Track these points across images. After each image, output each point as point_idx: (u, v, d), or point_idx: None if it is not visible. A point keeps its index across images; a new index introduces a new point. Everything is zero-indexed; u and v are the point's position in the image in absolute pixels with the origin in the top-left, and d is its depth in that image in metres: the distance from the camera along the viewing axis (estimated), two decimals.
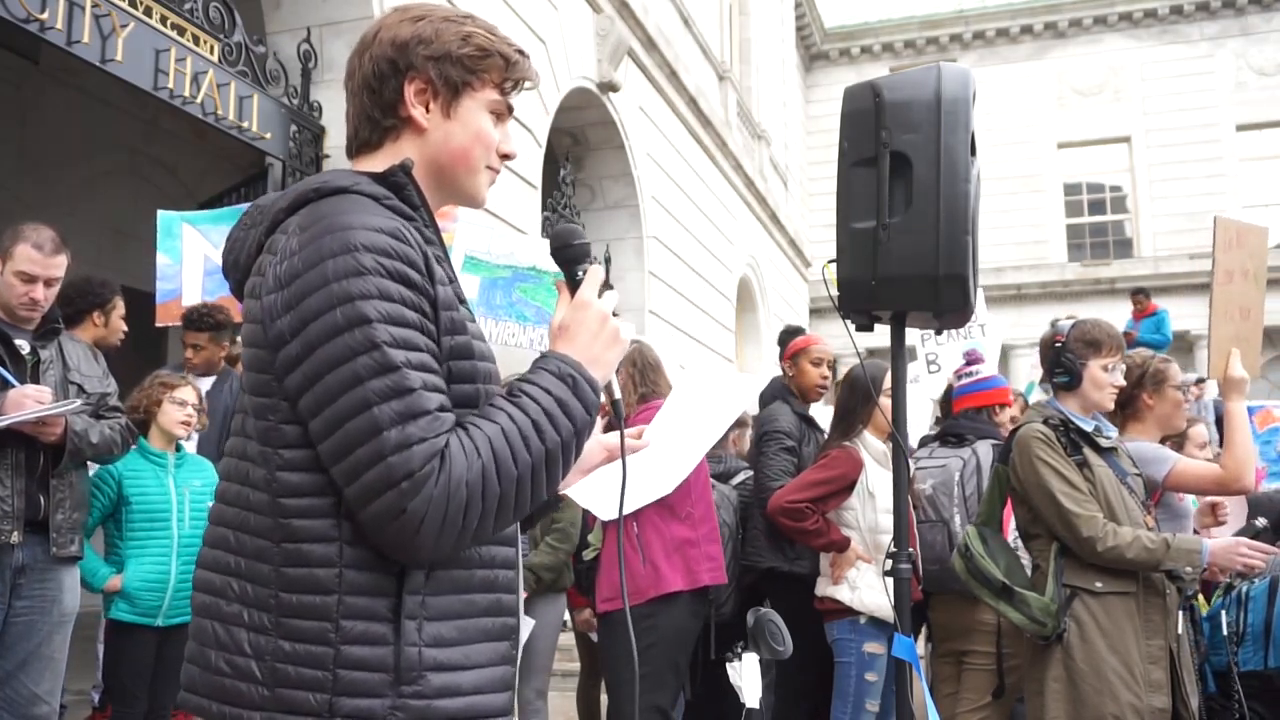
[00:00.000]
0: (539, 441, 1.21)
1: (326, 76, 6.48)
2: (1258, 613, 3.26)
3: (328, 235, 1.19)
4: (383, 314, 1.16)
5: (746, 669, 2.84)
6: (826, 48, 23.64)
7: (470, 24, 1.37)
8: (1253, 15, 21.31)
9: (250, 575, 1.22)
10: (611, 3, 9.94)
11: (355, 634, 1.18)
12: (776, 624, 2.96)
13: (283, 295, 1.20)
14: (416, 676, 1.19)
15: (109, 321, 4.17)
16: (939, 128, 2.49)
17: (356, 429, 1.15)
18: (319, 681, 1.17)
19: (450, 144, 1.36)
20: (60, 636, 3.11)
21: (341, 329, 1.16)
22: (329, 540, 1.19)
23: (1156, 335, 11.19)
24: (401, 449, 1.14)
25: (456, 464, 1.16)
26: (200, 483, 3.70)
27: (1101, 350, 3.01)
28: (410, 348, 1.18)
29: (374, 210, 1.23)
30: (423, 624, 1.20)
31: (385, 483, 1.14)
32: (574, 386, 1.26)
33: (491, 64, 1.36)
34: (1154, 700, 2.75)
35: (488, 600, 1.28)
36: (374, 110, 1.36)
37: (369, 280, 1.17)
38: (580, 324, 1.33)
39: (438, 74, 1.33)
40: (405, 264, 1.20)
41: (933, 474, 3.83)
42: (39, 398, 2.90)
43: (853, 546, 3.63)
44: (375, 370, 1.15)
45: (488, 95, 1.37)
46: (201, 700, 1.23)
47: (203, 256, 5.17)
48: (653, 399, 3.49)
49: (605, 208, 10.89)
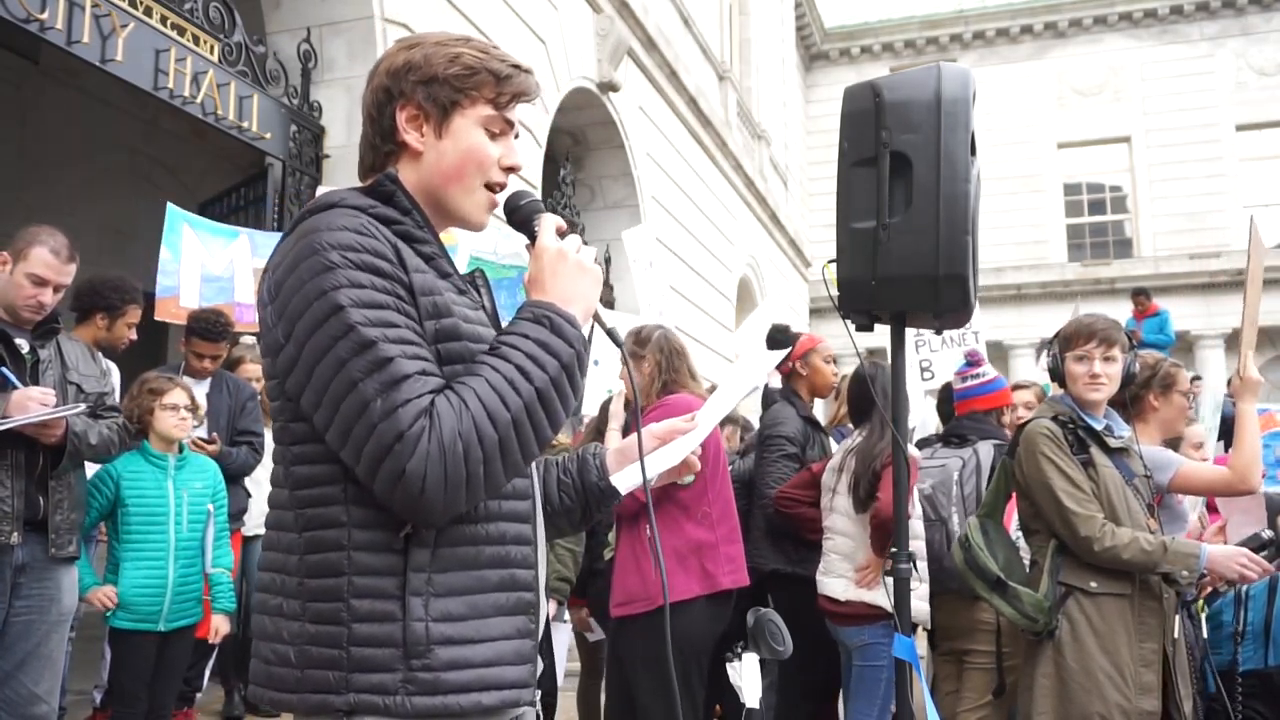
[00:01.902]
0: (527, 383, 1.25)
1: (326, 76, 6.49)
2: (1257, 611, 3.26)
3: (300, 243, 1.28)
4: (354, 299, 1.23)
5: (746, 669, 2.84)
6: (826, 48, 23.64)
7: (463, 45, 1.42)
8: (1253, 15, 21.31)
9: (286, 568, 1.30)
10: (611, 3, 9.95)
11: (364, 612, 1.24)
12: (776, 624, 2.96)
13: (273, 306, 1.29)
14: (424, 651, 1.24)
15: (113, 326, 4.13)
16: (939, 128, 2.48)
17: (348, 408, 1.22)
18: (335, 660, 1.24)
19: (443, 163, 1.41)
20: (58, 636, 3.11)
21: (320, 321, 1.23)
22: (339, 525, 1.27)
23: (1160, 336, 11.19)
24: (388, 414, 1.20)
25: (446, 419, 1.21)
26: (201, 484, 3.69)
27: (1072, 342, 3.00)
28: (385, 324, 1.24)
29: (348, 215, 1.30)
30: (430, 600, 1.25)
31: (381, 449, 1.20)
32: (551, 325, 1.31)
33: (480, 80, 1.40)
34: (1143, 703, 2.74)
35: (500, 576, 1.32)
36: (375, 137, 1.44)
37: (337, 273, 1.24)
38: (543, 269, 1.38)
39: (426, 96, 1.39)
40: (371, 255, 1.26)
41: (932, 474, 3.81)
42: (44, 400, 2.90)
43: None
44: (354, 350, 1.22)
45: (480, 112, 1.41)
46: (260, 690, 1.31)
47: (199, 263, 5.17)
48: (674, 388, 3.39)
49: (605, 208, 10.89)
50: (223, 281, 5.21)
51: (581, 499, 1.59)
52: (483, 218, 1.46)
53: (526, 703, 1.34)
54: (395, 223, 1.34)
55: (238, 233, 5.41)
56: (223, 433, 4.59)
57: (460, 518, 1.28)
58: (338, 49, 6.45)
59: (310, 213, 1.34)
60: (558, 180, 9.46)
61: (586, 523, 1.64)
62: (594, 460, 1.60)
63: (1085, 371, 2.96)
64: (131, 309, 4.16)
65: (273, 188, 6.12)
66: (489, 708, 1.28)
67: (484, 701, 1.27)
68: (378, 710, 1.23)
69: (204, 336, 4.64)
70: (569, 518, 1.60)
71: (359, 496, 1.26)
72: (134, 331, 4.23)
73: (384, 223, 1.33)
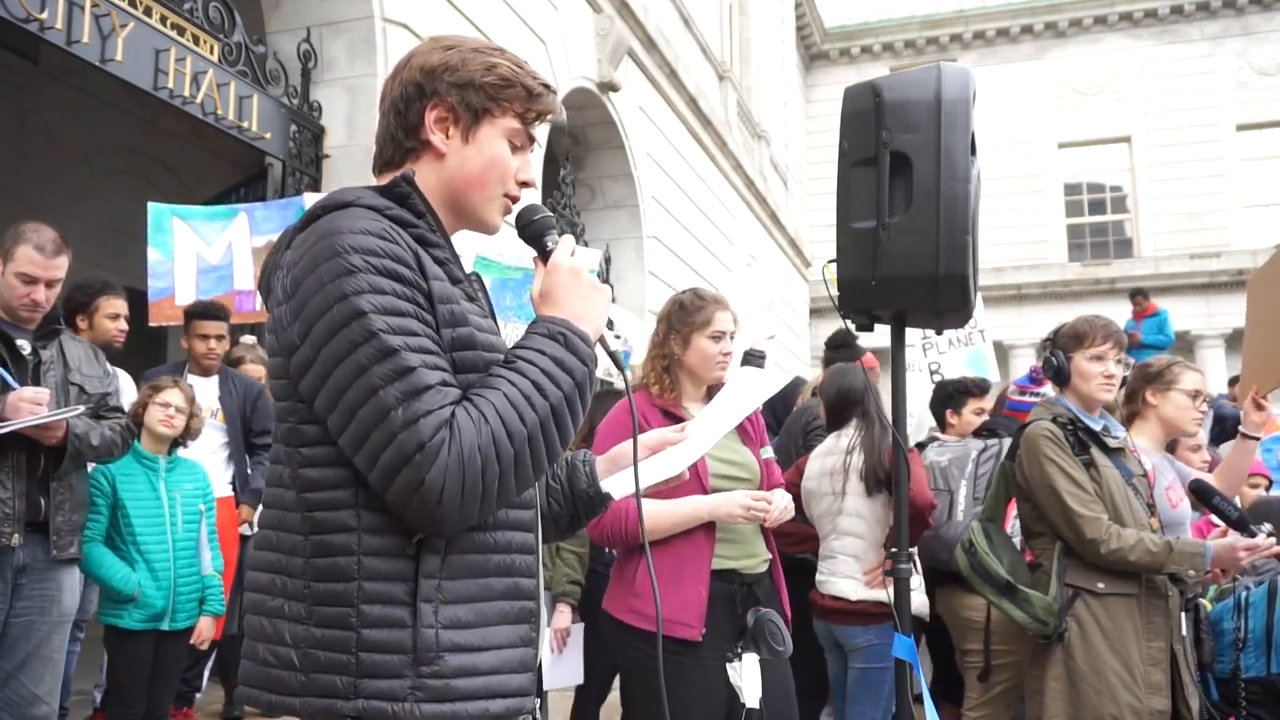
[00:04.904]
0: (542, 399, 1.26)
1: (326, 76, 6.48)
2: (1258, 619, 3.24)
3: (320, 244, 1.27)
4: (376, 305, 1.23)
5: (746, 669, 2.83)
6: (826, 48, 23.64)
7: (499, 55, 1.43)
8: (1253, 15, 21.31)
9: (288, 570, 1.29)
10: (611, 3, 9.95)
11: (374, 618, 1.24)
12: (776, 624, 2.94)
13: (289, 305, 1.28)
14: (434, 657, 1.24)
15: (94, 323, 4.14)
16: (939, 128, 2.49)
17: (367, 415, 1.21)
18: (344, 665, 1.23)
19: (466, 168, 1.41)
20: (59, 636, 3.11)
21: (340, 325, 1.22)
22: (349, 530, 1.26)
23: (1160, 336, 11.18)
24: (409, 424, 1.20)
25: (466, 432, 1.21)
26: (192, 485, 3.69)
27: (1084, 341, 3.00)
28: (406, 333, 1.24)
29: (367, 217, 1.29)
30: (439, 607, 1.26)
31: (400, 459, 1.20)
32: (566, 342, 1.32)
33: (514, 94, 1.41)
34: (1153, 702, 2.74)
35: (505, 584, 1.33)
36: (398, 131, 1.42)
37: (360, 278, 1.23)
38: (557, 285, 1.38)
39: (459, 100, 1.39)
40: (394, 261, 1.26)
41: (951, 449, 3.92)
42: (36, 400, 2.88)
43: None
44: (376, 357, 1.21)
45: (508, 124, 1.42)
46: (253, 691, 1.31)
47: (195, 254, 5.07)
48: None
49: (605, 208, 10.89)
50: (221, 270, 5.10)
51: (570, 505, 1.60)
52: (499, 222, 1.47)
53: (528, 711, 1.35)
54: (410, 226, 1.34)
55: (235, 211, 5.27)
56: (237, 435, 4.58)
57: (470, 525, 1.28)
58: (338, 49, 6.45)
59: (326, 209, 1.33)
60: (558, 180, 9.46)
61: (574, 529, 1.64)
62: (584, 467, 1.61)
63: (1101, 371, 2.97)
64: (103, 300, 4.16)
65: (273, 188, 6.11)
66: (495, 715, 1.28)
67: (491, 709, 1.27)
68: (386, 716, 1.22)
69: (205, 316, 4.63)
70: (556, 523, 1.61)
71: (370, 501, 1.26)
72: (121, 322, 4.23)
73: (401, 225, 1.32)
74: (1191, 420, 3.32)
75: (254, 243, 5.12)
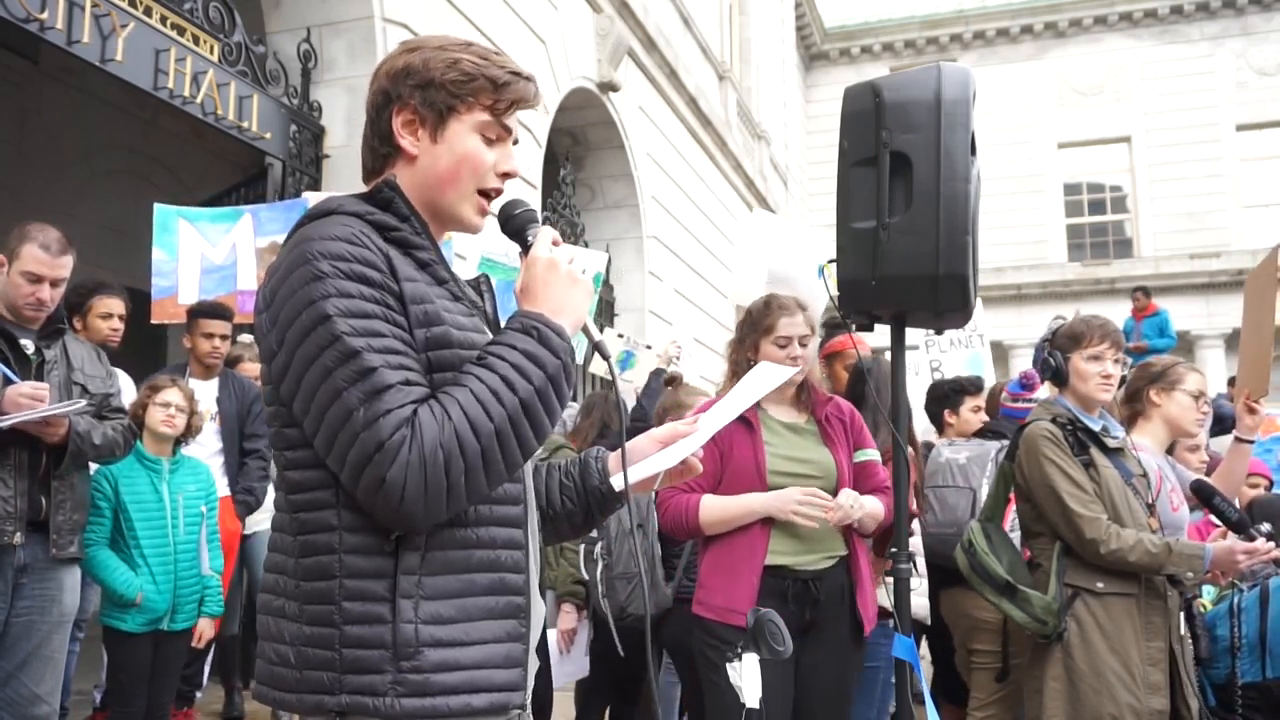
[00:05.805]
0: (511, 393, 1.27)
1: (326, 76, 6.49)
2: (1251, 624, 3.24)
3: (294, 251, 1.31)
4: (341, 309, 1.25)
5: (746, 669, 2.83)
6: (826, 48, 23.64)
7: (463, 51, 1.42)
8: (1253, 15, 21.32)
9: (286, 570, 1.33)
10: (611, 3, 9.95)
11: (355, 614, 1.26)
12: (776, 624, 2.94)
13: (268, 313, 1.31)
14: (414, 652, 1.25)
15: (87, 323, 4.14)
16: (939, 128, 2.49)
17: (333, 416, 1.24)
18: (329, 661, 1.26)
19: (437, 167, 1.41)
20: (60, 636, 3.11)
21: (309, 330, 1.26)
22: (330, 529, 1.29)
23: (1162, 338, 11.20)
24: (370, 424, 1.22)
25: (428, 429, 1.22)
26: (195, 487, 3.69)
27: (1082, 342, 3.00)
28: (371, 334, 1.26)
29: (339, 224, 1.32)
30: (419, 603, 1.27)
31: (363, 458, 1.22)
32: (539, 336, 1.32)
33: (477, 87, 1.41)
34: (1153, 702, 2.74)
35: (489, 580, 1.33)
36: (374, 140, 1.45)
37: (327, 283, 1.26)
38: (535, 279, 1.39)
39: (423, 101, 1.40)
40: (362, 264, 1.28)
41: (968, 447, 3.96)
42: (35, 394, 2.88)
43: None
44: (339, 359, 1.24)
45: (477, 118, 1.41)
46: (263, 689, 1.34)
47: (199, 254, 5.09)
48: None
49: (605, 208, 10.89)
50: (225, 271, 5.12)
51: (583, 502, 1.59)
52: (478, 221, 1.47)
53: (517, 706, 1.35)
54: (392, 229, 1.36)
55: (240, 212, 5.28)
56: (233, 439, 4.58)
57: (450, 521, 1.29)
58: (338, 49, 6.46)
59: (310, 218, 1.36)
60: (558, 180, 9.46)
61: (589, 526, 1.64)
62: (595, 464, 1.60)
63: (1099, 371, 2.97)
64: (96, 300, 4.16)
65: (273, 188, 6.11)
66: (478, 710, 1.29)
67: (473, 704, 1.28)
68: (367, 711, 1.24)
69: (210, 314, 4.64)
70: (570, 521, 1.60)
71: (349, 501, 1.28)
72: (114, 322, 4.23)
73: (381, 229, 1.34)
74: (1194, 421, 3.32)
75: (258, 243, 5.14)
